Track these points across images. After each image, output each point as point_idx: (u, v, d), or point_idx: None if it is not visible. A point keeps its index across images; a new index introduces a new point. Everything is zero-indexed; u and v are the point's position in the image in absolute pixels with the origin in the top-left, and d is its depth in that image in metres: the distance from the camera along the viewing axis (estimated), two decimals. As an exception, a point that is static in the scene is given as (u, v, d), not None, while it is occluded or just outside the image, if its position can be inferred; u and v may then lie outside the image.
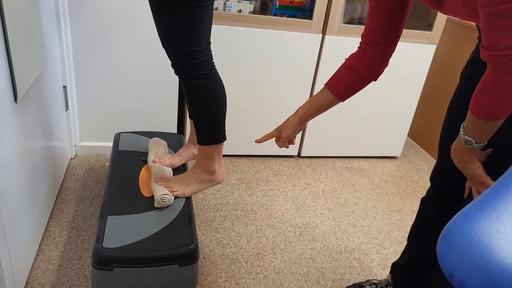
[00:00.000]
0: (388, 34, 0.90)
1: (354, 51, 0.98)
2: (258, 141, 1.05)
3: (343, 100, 1.00)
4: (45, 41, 1.42)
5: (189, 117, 1.38)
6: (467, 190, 0.90)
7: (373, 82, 0.98)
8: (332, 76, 0.98)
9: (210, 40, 1.13)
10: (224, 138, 1.22)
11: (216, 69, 1.16)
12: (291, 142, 1.06)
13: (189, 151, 1.42)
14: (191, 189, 1.25)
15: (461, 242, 0.39)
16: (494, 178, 0.82)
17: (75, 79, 1.76)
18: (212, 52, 1.14)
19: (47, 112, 1.46)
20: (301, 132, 2.11)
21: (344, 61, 0.99)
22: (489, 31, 0.67)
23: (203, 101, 1.15)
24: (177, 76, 1.15)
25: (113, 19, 1.68)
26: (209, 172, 1.25)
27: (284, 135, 1.03)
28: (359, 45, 0.95)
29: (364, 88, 1.00)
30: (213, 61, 1.15)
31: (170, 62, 1.13)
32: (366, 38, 0.92)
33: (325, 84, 0.99)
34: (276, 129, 1.06)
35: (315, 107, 1.00)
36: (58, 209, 1.55)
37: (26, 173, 1.23)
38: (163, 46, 1.11)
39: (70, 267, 1.30)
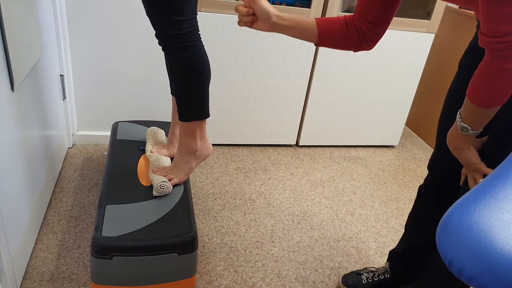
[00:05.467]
0: (378, 15, 0.89)
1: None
2: None
3: (319, 44, 0.95)
4: (42, 29, 1.40)
5: (171, 93, 1.31)
6: (462, 178, 0.91)
7: (352, 52, 0.94)
8: (327, 18, 0.94)
9: (197, 11, 1.09)
10: (207, 115, 1.18)
11: (201, 42, 1.11)
12: (248, 23, 0.95)
13: (178, 134, 1.38)
14: (183, 172, 1.24)
15: (460, 230, 0.39)
16: (489, 165, 0.83)
17: (72, 68, 1.74)
18: (200, 25, 1.08)
19: (44, 101, 1.45)
20: (299, 122, 2.11)
21: (344, 16, 0.96)
22: (487, 18, 0.66)
23: (186, 74, 1.10)
24: (161, 48, 1.10)
25: (110, 8, 1.65)
26: (192, 152, 1.22)
27: (256, 26, 0.94)
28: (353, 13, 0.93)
29: (342, 50, 0.94)
30: (199, 33, 1.10)
31: (154, 32, 1.08)
32: (357, 13, 0.91)
33: (316, 18, 0.95)
34: (255, 0, 0.92)
35: (296, 25, 0.93)
36: (56, 198, 1.55)
37: (23, 163, 1.22)
38: (147, 15, 1.07)
39: (69, 256, 1.30)
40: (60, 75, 1.69)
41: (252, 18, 0.94)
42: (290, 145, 2.19)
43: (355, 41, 0.93)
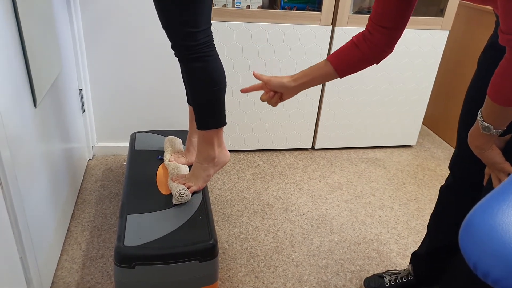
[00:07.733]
0: (395, 19, 0.88)
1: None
2: (243, 91, 1.03)
3: (341, 76, 0.97)
4: (60, 46, 1.45)
5: (188, 102, 1.35)
6: (486, 178, 0.89)
7: (375, 65, 0.96)
8: (336, 50, 0.96)
9: (211, 22, 1.10)
10: (224, 123, 1.20)
11: (216, 51, 1.13)
12: (277, 101, 1.04)
13: (195, 142, 1.40)
14: (202, 180, 1.26)
15: (484, 232, 0.39)
16: None
17: (90, 82, 1.79)
18: (213, 34, 1.11)
19: (64, 115, 1.49)
20: (314, 125, 2.11)
21: (351, 38, 0.97)
22: (507, 16, 0.65)
23: (203, 84, 1.12)
24: (177, 59, 1.13)
25: (125, 23, 1.69)
26: (210, 159, 1.23)
27: (285, 98, 1.03)
28: (366, 26, 0.94)
29: (365, 69, 0.98)
30: (213, 43, 1.12)
31: (170, 44, 1.11)
32: (372, 21, 0.91)
33: (327, 57, 0.97)
34: (267, 83, 1.01)
35: (312, 76, 0.98)
36: (79, 209, 1.59)
37: (47, 176, 1.26)
38: (163, 27, 1.09)
39: (93, 265, 1.33)
40: (79, 89, 1.74)
41: (277, 97, 1.03)
42: (306, 149, 2.18)
43: (369, 55, 0.93)
